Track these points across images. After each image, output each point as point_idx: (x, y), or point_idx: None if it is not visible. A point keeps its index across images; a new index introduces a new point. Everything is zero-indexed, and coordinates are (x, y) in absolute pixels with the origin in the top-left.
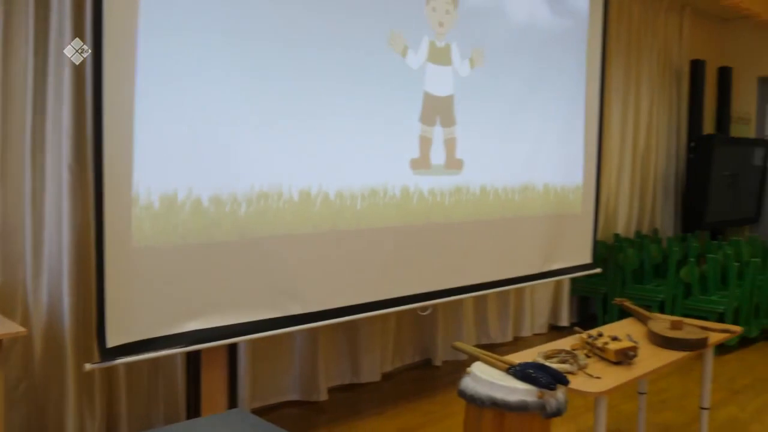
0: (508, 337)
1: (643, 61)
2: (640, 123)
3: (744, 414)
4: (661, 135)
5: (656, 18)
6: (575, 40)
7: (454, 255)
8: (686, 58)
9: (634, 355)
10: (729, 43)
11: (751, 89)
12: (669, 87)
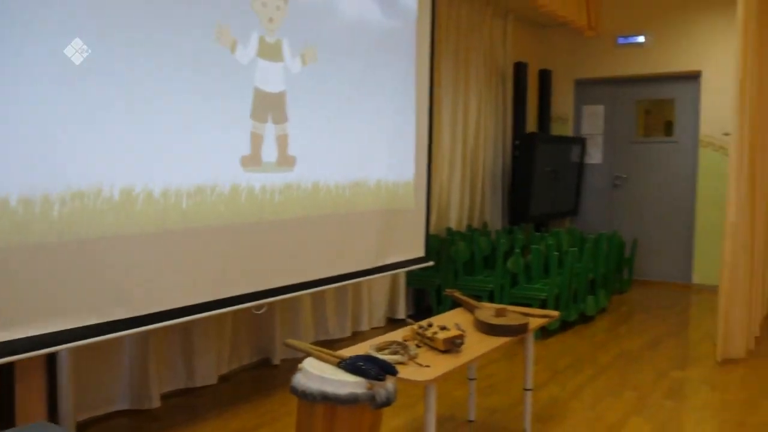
0: (346, 332)
1: (471, 63)
2: (469, 122)
3: (564, 392)
4: (488, 133)
5: (483, 22)
6: (405, 40)
7: (288, 252)
8: (510, 60)
9: (461, 343)
10: (548, 47)
11: (569, 90)
12: (495, 88)
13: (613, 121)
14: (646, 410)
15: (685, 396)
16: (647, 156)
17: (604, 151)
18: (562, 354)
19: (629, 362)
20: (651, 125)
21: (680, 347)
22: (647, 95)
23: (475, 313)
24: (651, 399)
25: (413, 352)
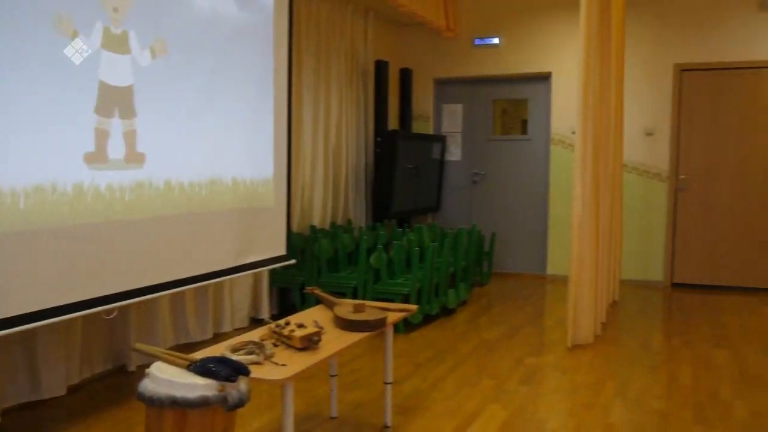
0: (208, 334)
1: (333, 61)
2: (331, 119)
3: (426, 384)
4: (351, 131)
5: (343, 20)
6: (262, 36)
7: (140, 253)
8: (371, 58)
9: (318, 340)
10: (408, 46)
11: (429, 89)
12: (357, 85)
13: (471, 119)
14: (503, 396)
15: (538, 381)
16: (504, 153)
17: (463, 149)
18: (424, 347)
19: (488, 351)
20: (508, 124)
21: (535, 335)
22: (503, 95)
23: (334, 309)
24: (507, 385)
25: (269, 352)
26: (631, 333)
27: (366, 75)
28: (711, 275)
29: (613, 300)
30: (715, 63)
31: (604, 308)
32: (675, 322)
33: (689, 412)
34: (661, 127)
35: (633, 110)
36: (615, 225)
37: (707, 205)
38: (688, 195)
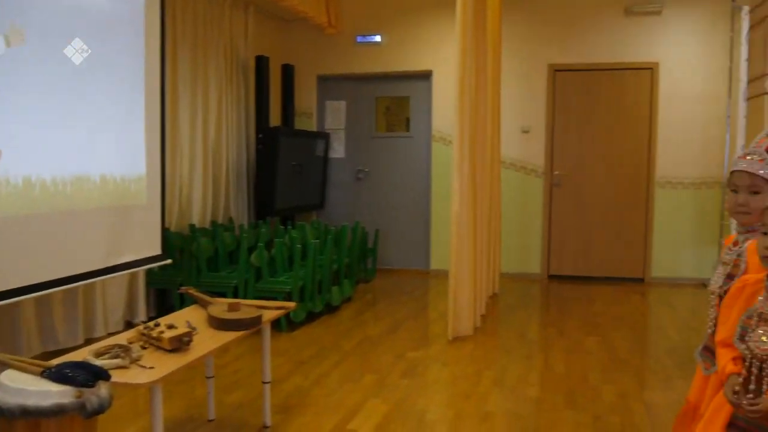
0: (79, 339)
1: (211, 55)
2: (210, 115)
3: (307, 382)
4: (231, 127)
5: (222, 14)
6: (133, 29)
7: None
8: (252, 54)
9: (189, 341)
10: (290, 41)
11: (312, 86)
12: (237, 81)
13: (354, 116)
14: (384, 391)
15: (419, 374)
16: (387, 150)
17: (347, 146)
18: (307, 344)
19: (371, 347)
20: (392, 121)
21: (418, 329)
22: (386, 92)
23: (208, 309)
24: (389, 380)
25: (136, 354)
26: (509, 324)
27: (247, 70)
28: (584, 267)
29: (493, 293)
30: (585, 64)
31: (484, 301)
32: (550, 312)
33: (561, 397)
34: (536, 124)
35: (510, 108)
36: (494, 220)
37: (579, 199)
38: (562, 190)
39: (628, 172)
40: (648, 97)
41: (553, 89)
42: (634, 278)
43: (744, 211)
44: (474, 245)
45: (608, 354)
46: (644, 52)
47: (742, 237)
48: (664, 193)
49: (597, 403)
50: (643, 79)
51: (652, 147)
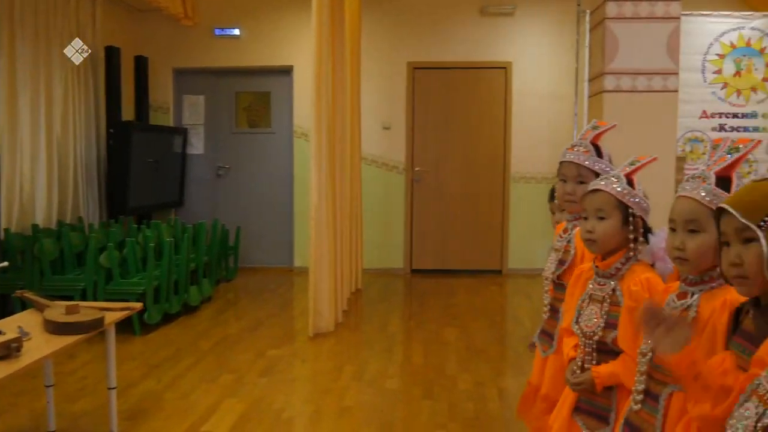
0: None
1: (55, 46)
2: (54, 109)
3: (160, 385)
4: (80, 122)
5: (67, 2)
6: None
7: None
8: (101, 44)
9: (18, 347)
10: (144, 32)
11: (168, 79)
12: (85, 73)
13: (214, 111)
14: (241, 390)
15: (278, 372)
16: (249, 146)
17: (206, 142)
18: (162, 347)
19: (230, 346)
20: (253, 117)
21: (279, 327)
22: (246, 87)
23: (45, 313)
24: (246, 379)
25: None
26: (371, 319)
27: (96, 62)
28: (445, 260)
29: (356, 288)
30: (443, 62)
31: (346, 297)
32: (412, 306)
33: (419, 388)
34: (397, 121)
35: (370, 105)
36: (355, 216)
37: (439, 195)
38: (423, 186)
39: (485, 168)
40: (503, 95)
41: (413, 87)
42: (493, 270)
43: (571, 200)
44: (334, 241)
45: (465, 344)
46: (498, 51)
47: (570, 224)
48: (518, 187)
49: (453, 391)
50: (497, 78)
51: (506, 143)
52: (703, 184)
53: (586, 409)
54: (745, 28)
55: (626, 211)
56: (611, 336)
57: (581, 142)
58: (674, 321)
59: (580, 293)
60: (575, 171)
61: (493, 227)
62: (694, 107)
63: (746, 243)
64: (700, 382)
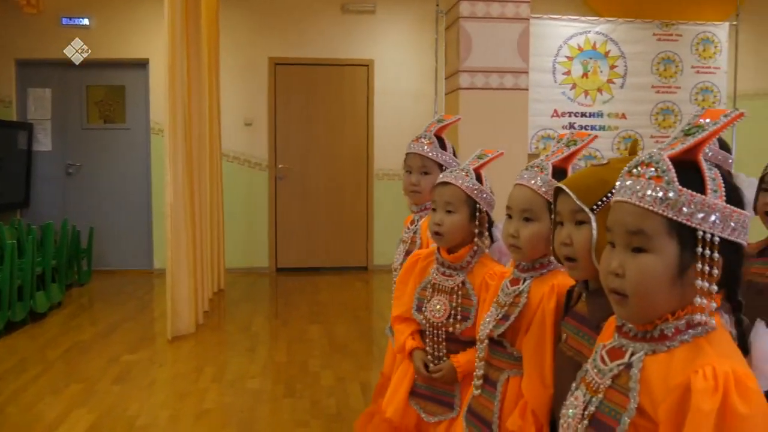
0: None
1: None
2: None
3: (0, 398)
4: None
5: None
6: None
7: None
8: None
9: None
10: None
11: (10, 71)
12: None
13: (62, 106)
14: (92, 399)
15: (133, 377)
16: (102, 143)
17: (54, 138)
18: (4, 358)
19: (81, 354)
20: (107, 112)
21: (135, 331)
22: (97, 81)
23: None
24: (98, 387)
25: None
26: (233, 319)
27: None
28: (311, 258)
29: (219, 288)
30: (305, 58)
31: (207, 297)
32: (277, 304)
33: (281, 386)
34: (259, 117)
35: (231, 101)
36: (217, 214)
37: (304, 192)
38: (287, 183)
39: (349, 165)
40: (365, 92)
41: (275, 83)
42: (359, 267)
43: (416, 190)
44: (193, 241)
45: (329, 340)
46: (360, 49)
47: (417, 216)
48: (381, 184)
49: (315, 388)
50: (360, 76)
51: (369, 140)
52: (540, 174)
53: (425, 393)
54: (591, 32)
55: (474, 206)
56: (461, 327)
57: (426, 134)
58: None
59: (416, 281)
60: (419, 162)
61: (357, 224)
62: (545, 106)
63: (578, 225)
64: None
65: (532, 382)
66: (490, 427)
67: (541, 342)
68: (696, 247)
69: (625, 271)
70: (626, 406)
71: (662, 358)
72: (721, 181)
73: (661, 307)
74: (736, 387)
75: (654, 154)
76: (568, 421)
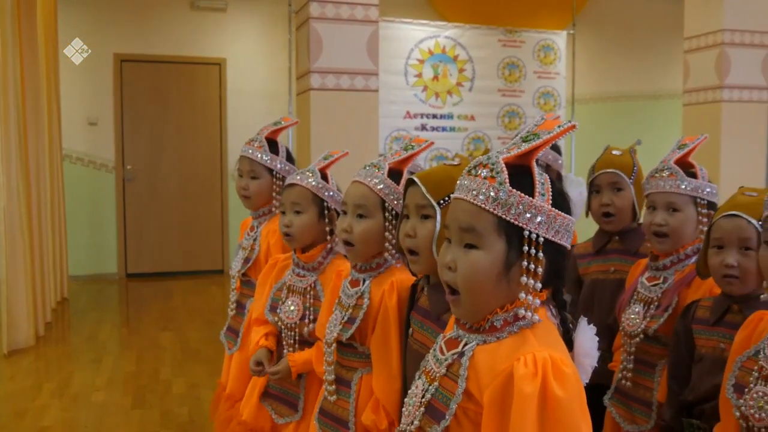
0: None
1: None
2: None
3: None
4: None
5: None
6: None
7: None
8: None
9: None
10: None
11: None
12: None
13: None
14: None
15: None
16: None
17: None
18: None
19: None
20: None
21: None
22: None
23: None
24: None
25: None
26: (78, 329)
27: None
28: (164, 262)
29: (62, 297)
30: (154, 56)
31: (49, 307)
32: (127, 312)
33: (130, 398)
34: (104, 116)
35: (73, 99)
36: (58, 218)
37: (155, 194)
38: (137, 185)
39: (203, 166)
40: (217, 92)
41: (121, 80)
42: (214, 270)
43: (245, 195)
44: (31, 246)
45: (182, 347)
46: (212, 47)
47: (256, 221)
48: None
49: (166, 397)
50: (212, 74)
51: (223, 141)
52: (377, 173)
53: (276, 394)
54: (440, 36)
55: (322, 205)
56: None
57: (257, 137)
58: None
59: (273, 282)
60: (248, 166)
61: (212, 226)
62: (398, 108)
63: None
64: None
65: (380, 378)
66: (346, 425)
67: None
68: (522, 246)
69: (456, 265)
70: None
71: (491, 347)
72: (550, 186)
73: (490, 302)
74: (553, 372)
75: (492, 156)
76: (408, 408)
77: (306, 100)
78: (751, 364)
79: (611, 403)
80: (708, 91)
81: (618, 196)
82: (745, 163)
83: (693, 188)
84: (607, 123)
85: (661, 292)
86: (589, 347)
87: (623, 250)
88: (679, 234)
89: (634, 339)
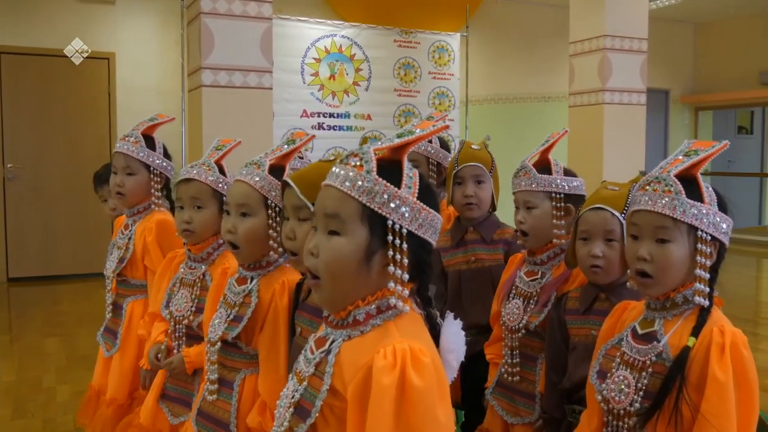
0: None
1: None
2: None
3: None
4: None
5: None
6: None
7: None
8: None
9: None
10: None
11: None
12: None
13: None
14: None
15: None
16: None
17: None
18: None
19: None
20: None
21: None
22: None
23: None
24: None
25: None
26: None
27: None
28: (51, 266)
29: None
30: (38, 49)
31: None
32: (9, 318)
33: (9, 408)
34: None
35: None
36: None
37: (39, 194)
38: (19, 185)
39: (91, 164)
40: (106, 88)
41: (0, 75)
42: (100, 273)
43: (120, 192)
44: None
45: (68, 353)
46: (99, 41)
47: (130, 220)
48: None
49: (50, 406)
50: (100, 69)
51: (113, 139)
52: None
53: (173, 396)
54: (337, 35)
55: (221, 200)
56: (198, 320)
57: (132, 132)
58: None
59: (169, 278)
60: (124, 162)
61: (102, 227)
62: (295, 106)
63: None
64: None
65: (267, 380)
66: (227, 428)
67: (276, 339)
68: (386, 236)
69: (319, 251)
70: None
71: (356, 342)
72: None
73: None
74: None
75: (364, 148)
76: (280, 410)
77: (197, 97)
78: (614, 352)
79: (494, 397)
80: (591, 94)
81: (480, 188)
82: (626, 161)
83: (546, 183)
84: (499, 123)
85: (540, 287)
86: (455, 343)
87: (480, 240)
88: (538, 231)
89: (516, 334)
